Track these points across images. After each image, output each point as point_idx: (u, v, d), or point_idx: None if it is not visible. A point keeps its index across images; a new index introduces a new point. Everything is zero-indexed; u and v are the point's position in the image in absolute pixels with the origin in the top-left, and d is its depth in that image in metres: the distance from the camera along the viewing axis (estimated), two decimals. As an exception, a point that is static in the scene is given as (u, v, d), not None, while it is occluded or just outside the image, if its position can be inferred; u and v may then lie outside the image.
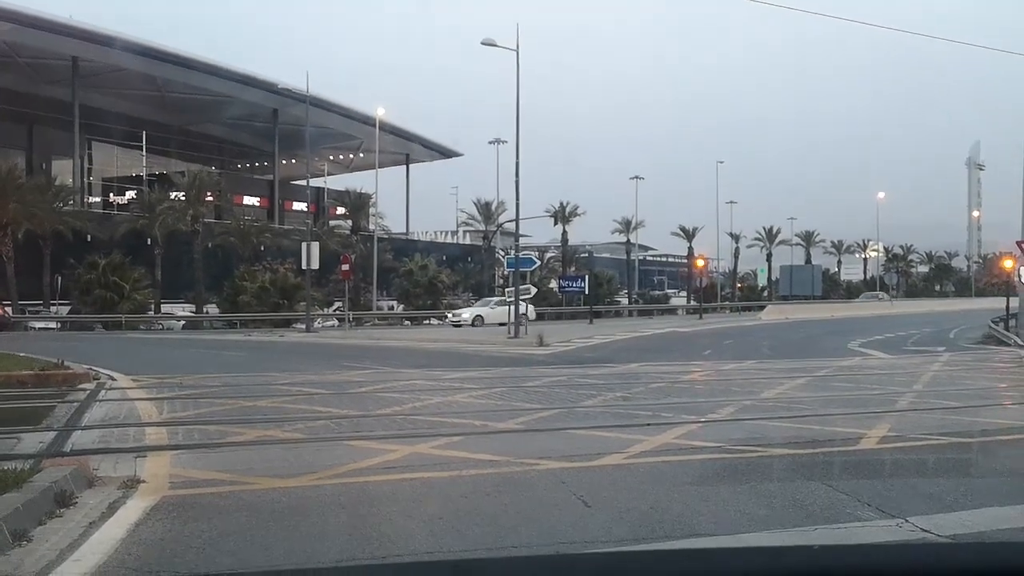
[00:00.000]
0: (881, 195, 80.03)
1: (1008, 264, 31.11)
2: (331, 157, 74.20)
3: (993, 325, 30.34)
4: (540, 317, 45.74)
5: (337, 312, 46.03)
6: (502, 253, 59.19)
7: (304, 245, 38.89)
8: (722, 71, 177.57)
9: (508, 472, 7.16)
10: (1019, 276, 27.81)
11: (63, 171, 53.75)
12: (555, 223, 62.17)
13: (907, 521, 5.51)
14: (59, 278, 43.45)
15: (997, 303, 39.56)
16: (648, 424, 9.73)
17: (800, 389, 13.62)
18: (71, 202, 48.72)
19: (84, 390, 13.44)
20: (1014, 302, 29.06)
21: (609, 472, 7.21)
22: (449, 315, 44.72)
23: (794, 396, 12.71)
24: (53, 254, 43.90)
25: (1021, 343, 24.64)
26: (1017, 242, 27.27)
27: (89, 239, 45.52)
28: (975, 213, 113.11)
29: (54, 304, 43.98)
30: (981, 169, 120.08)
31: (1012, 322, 28.82)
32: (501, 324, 35.30)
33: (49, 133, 57.38)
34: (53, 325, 41.40)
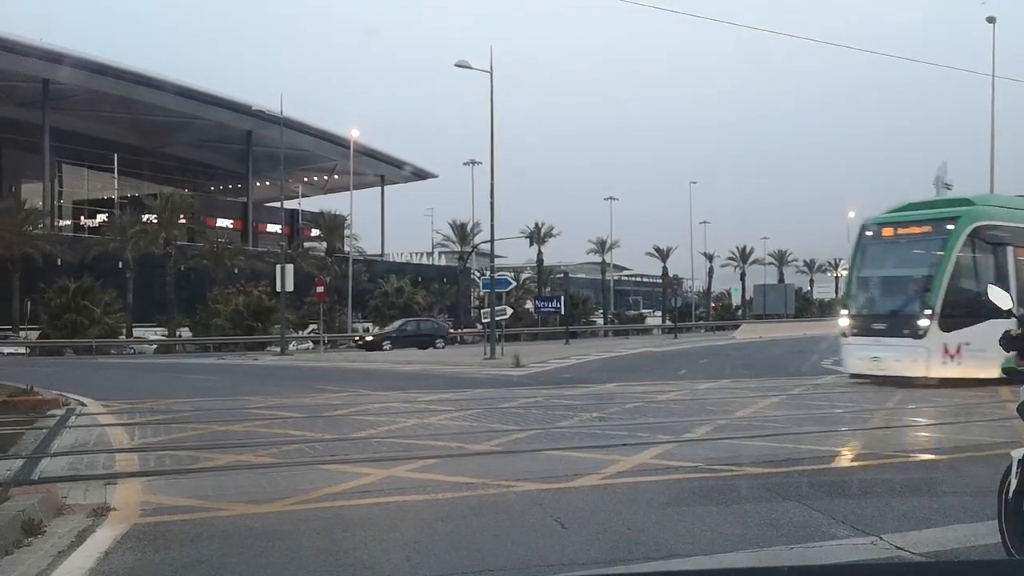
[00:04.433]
0: (852, 214, 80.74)
1: None
2: (305, 179, 74.08)
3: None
4: (515, 338, 45.71)
5: (312, 335, 45.76)
6: (478, 274, 59.20)
7: (278, 267, 38.68)
8: (695, 96, 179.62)
9: (484, 495, 7.12)
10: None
11: (33, 194, 53.20)
12: (531, 244, 62.41)
13: (881, 539, 5.55)
14: (28, 303, 42.89)
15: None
16: (624, 444, 9.73)
17: (774, 408, 13.69)
18: (41, 225, 48.20)
19: (53, 416, 13.24)
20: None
21: (586, 493, 7.20)
22: None
23: (768, 415, 12.77)
24: (23, 278, 43.36)
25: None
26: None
27: (59, 263, 45.05)
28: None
29: (23, 329, 43.38)
30: (948, 188, 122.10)
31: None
32: None
33: (19, 156, 56.82)
34: (22, 350, 40.80)
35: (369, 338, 41.48)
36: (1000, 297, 5.32)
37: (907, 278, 18.35)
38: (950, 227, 17.13)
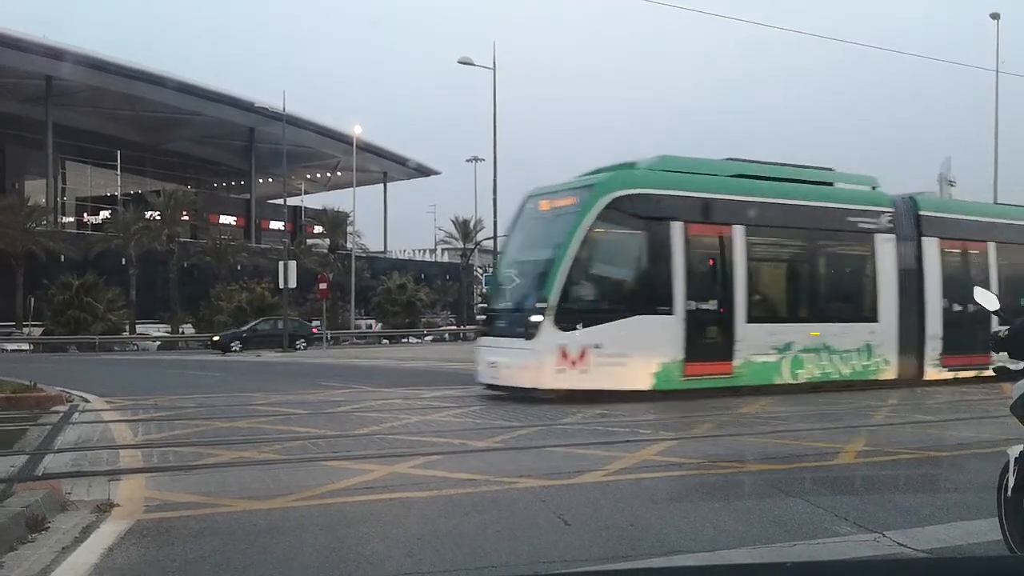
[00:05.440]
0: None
1: None
2: (308, 176, 74.11)
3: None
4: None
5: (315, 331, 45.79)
6: (480, 271, 59.19)
7: (281, 264, 38.74)
8: (695, 94, 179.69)
9: (487, 491, 7.13)
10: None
11: (36, 191, 53.30)
12: (533, 240, 62.26)
13: (884, 535, 5.55)
14: (32, 299, 42.98)
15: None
16: (626, 441, 9.74)
17: (778, 403, 13.68)
18: (44, 222, 48.28)
19: (57, 412, 13.26)
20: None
21: (588, 490, 7.20)
22: None
23: (772, 410, 12.77)
24: (26, 275, 43.46)
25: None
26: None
27: (63, 259, 45.14)
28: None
29: (27, 326, 43.48)
30: (952, 185, 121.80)
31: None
32: None
33: (22, 152, 56.89)
34: (26, 347, 40.90)
35: (216, 338, 39.49)
36: (986, 298, 4.98)
37: (535, 262, 14.57)
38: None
